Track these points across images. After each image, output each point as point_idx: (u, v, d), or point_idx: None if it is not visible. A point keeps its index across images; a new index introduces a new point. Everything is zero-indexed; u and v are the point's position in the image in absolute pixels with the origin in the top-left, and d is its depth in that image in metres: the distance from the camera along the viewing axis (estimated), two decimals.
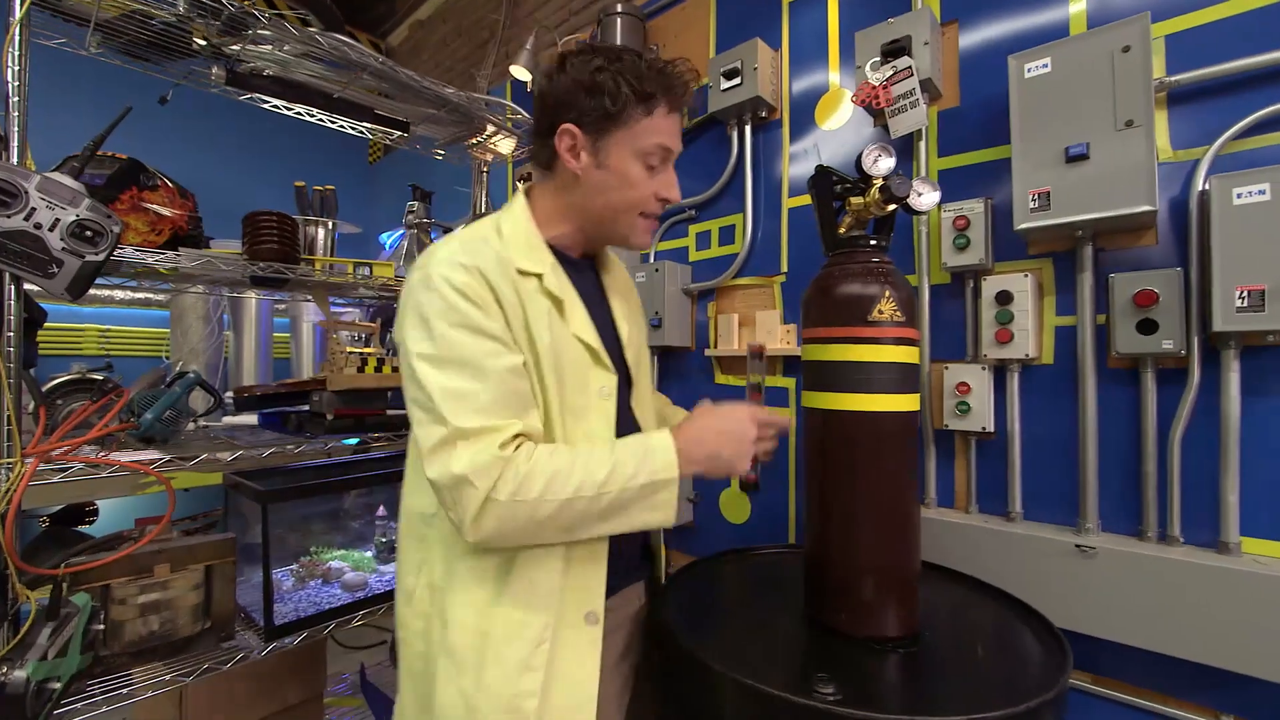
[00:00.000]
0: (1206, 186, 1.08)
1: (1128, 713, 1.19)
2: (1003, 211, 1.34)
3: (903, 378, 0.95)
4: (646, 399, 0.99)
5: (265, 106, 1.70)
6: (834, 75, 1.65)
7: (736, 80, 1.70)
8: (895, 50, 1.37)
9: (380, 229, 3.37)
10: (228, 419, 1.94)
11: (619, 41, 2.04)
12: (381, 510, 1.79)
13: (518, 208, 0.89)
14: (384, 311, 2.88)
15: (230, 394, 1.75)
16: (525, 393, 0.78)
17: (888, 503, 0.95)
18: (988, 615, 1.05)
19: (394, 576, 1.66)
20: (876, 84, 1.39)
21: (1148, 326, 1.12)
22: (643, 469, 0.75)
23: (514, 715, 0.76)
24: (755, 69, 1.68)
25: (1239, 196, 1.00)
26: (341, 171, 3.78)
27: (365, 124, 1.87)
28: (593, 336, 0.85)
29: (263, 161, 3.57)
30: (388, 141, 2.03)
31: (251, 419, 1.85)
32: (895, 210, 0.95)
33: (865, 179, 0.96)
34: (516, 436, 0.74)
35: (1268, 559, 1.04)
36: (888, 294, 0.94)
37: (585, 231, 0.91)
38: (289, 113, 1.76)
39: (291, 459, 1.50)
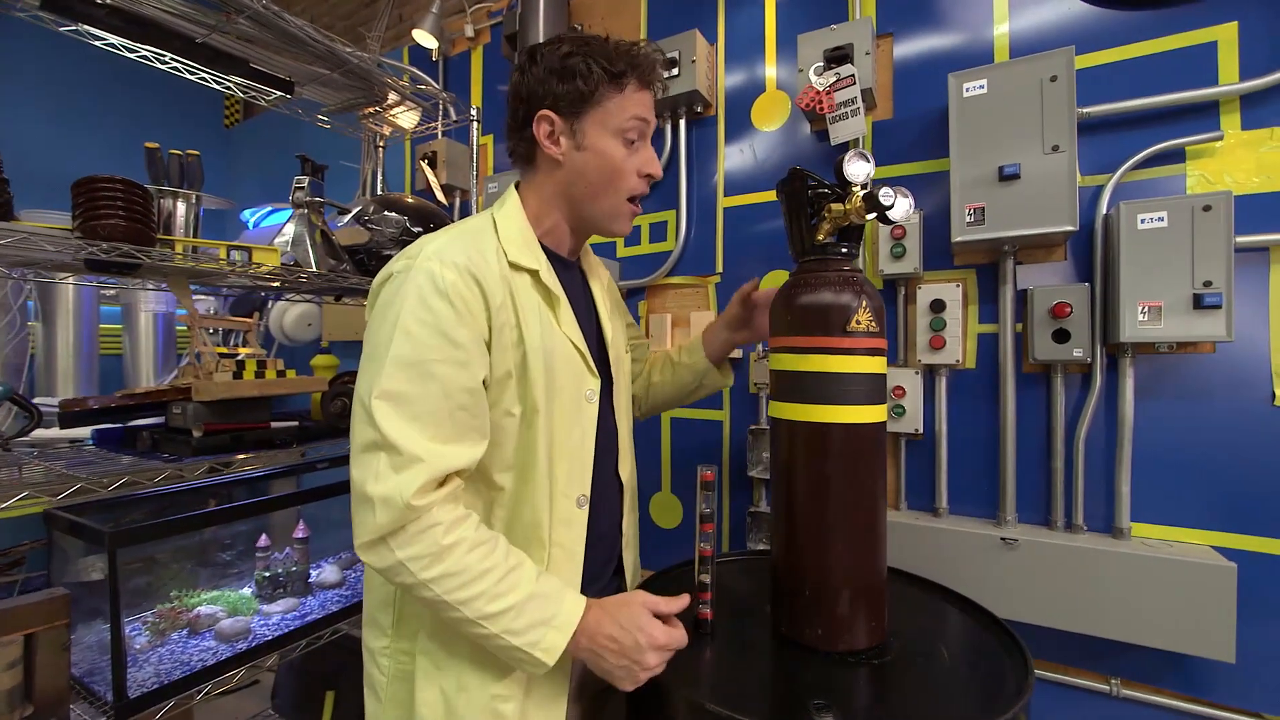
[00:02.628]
0: (1110, 211, 1.20)
1: None
2: (930, 223, 1.40)
3: (876, 388, 0.94)
4: (624, 402, 0.99)
5: (98, 45, 1.35)
6: (771, 76, 1.65)
7: (674, 71, 1.64)
8: (839, 57, 1.38)
9: (239, 204, 2.89)
10: (40, 432, 1.53)
11: (540, 17, 1.89)
12: (264, 540, 1.51)
13: (511, 204, 0.88)
14: (247, 302, 2.48)
15: (53, 405, 1.37)
16: (471, 418, 0.74)
17: (863, 515, 0.94)
18: (934, 613, 1.09)
19: (283, 617, 1.43)
20: (820, 89, 1.39)
21: (1061, 336, 1.22)
22: (528, 634, 0.70)
23: (493, 718, 0.76)
24: (694, 61, 1.62)
25: (1142, 222, 1.11)
26: (190, 133, 3.19)
27: (237, 79, 1.56)
28: (580, 339, 0.86)
29: (88, 115, 2.89)
30: (263, 102, 1.72)
31: (74, 432, 1.48)
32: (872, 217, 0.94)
33: (843, 184, 0.94)
34: (447, 479, 0.72)
35: (1153, 541, 1.19)
36: (864, 304, 0.92)
37: (571, 222, 0.90)
38: (131, 55, 1.42)
39: (145, 486, 1.21)
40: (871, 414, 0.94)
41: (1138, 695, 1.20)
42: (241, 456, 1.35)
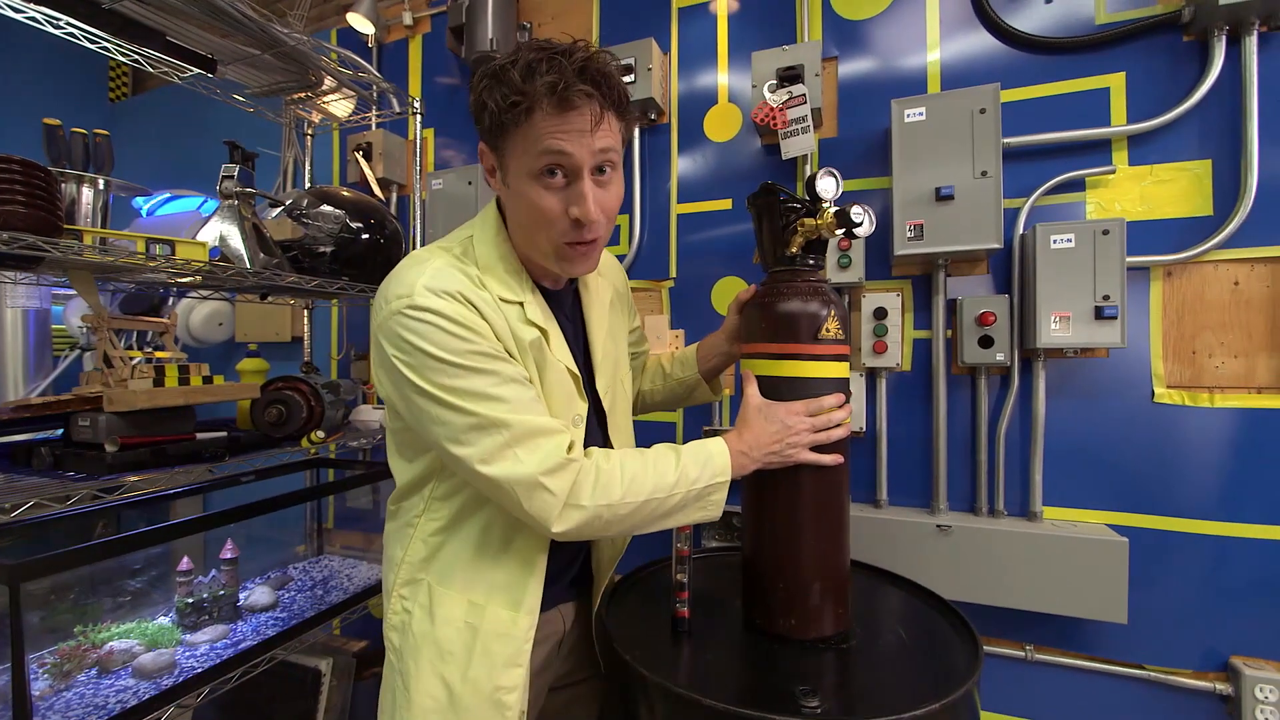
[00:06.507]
0: (1026, 231, 1.36)
1: None
2: (871, 236, 1.51)
3: (841, 391, 1.01)
4: (621, 422, 0.97)
5: None
6: (723, 88, 1.71)
7: (630, 78, 1.65)
8: (791, 76, 1.46)
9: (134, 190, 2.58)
10: None
11: (489, 12, 1.84)
12: (186, 562, 1.37)
13: (492, 227, 0.82)
14: (141, 299, 2.23)
15: None
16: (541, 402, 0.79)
17: (831, 510, 1.00)
18: (886, 598, 1.18)
19: (211, 647, 1.30)
20: (774, 105, 1.46)
21: (986, 342, 1.36)
22: (704, 473, 0.81)
23: (497, 709, 0.80)
24: (649, 69, 1.65)
25: (1054, 242, 1.26)
26: (67, 105, 2.79)
27: (148, 51, 1.41)
28: (573, 363, 0.84)
29: None
30: (177, 80, 1.56)
31: None
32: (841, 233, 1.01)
33: (814, 200, 1.00)
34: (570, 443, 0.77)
35: (1061, 522, 1.35)
36: (832, 313, 0.98)
37: (530, 259, 0.83)
38: (15, 15, 1.24)
39: (51, 509, 1.06)
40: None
41: (1048, 658, 1.37)
42: (142, 476, 1.20)
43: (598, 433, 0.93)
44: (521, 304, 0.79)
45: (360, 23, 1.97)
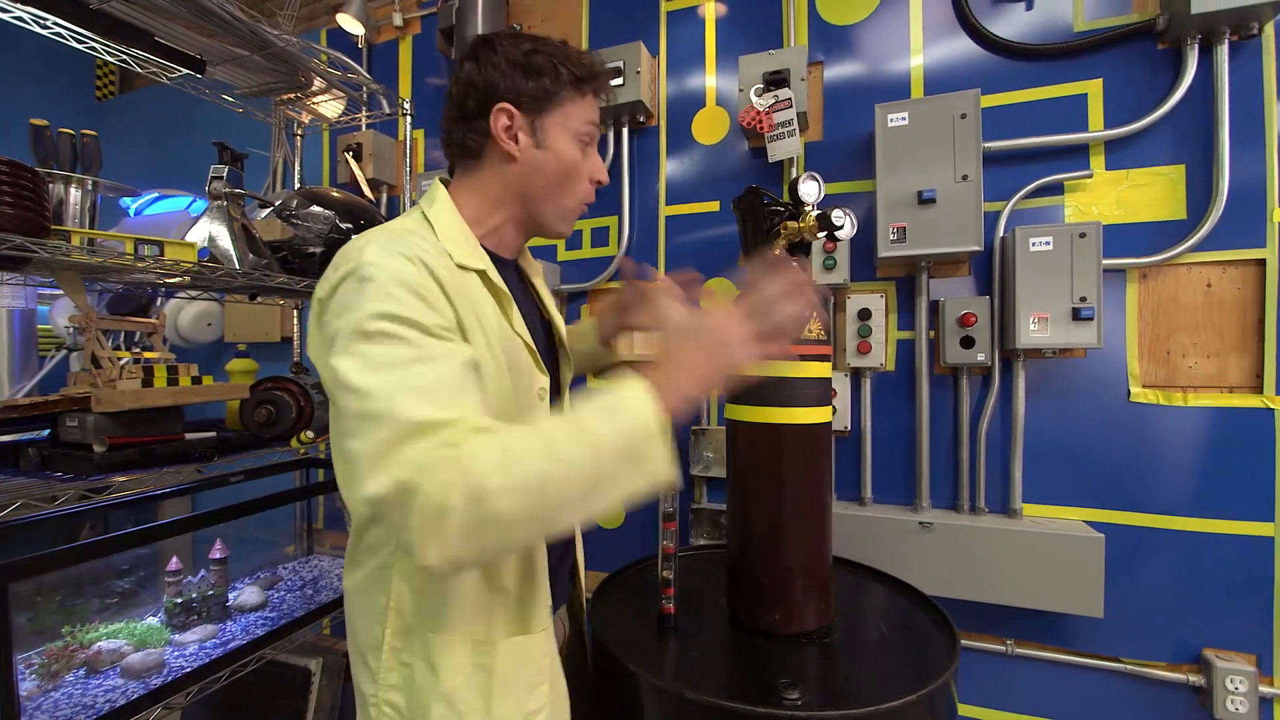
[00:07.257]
0: (1006, 234, 1.38)
1: None
2: (855, 238, 1.53)
3: (823, 390, 1.03)
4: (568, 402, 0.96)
5: None
6: (711, 90, 1.72)
7: (619, 80, 1.67)
8: (778, 81, 1.48)
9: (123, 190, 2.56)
10: None
11: (479, 14, 1.85)
12: (175, 563, 1.37)
13: (443, 203, 0.82)
14: (129, 299, 2.22)
15: None
16: (478, 392, 0.63)
17: (814, 507, 1.02)
18: (869, 594, 1.21)
19: (200, 646, 1.30)
20: (761, 109, 1.48)
21: (967, 342, 1.39)
22: (615, 425, 0.59)
23: None
24: (638, 72, 1.66)
25: (1033, 245, 1.29)
26: (53, 103, 2.77)
27: (136, 52, 1.40)
28: (529, 337, 0.82)
29: None
30: (165, 80, 1.56)
31: None
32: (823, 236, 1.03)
33: (796, 203, 1.02)
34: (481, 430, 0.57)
35: (1041, 519, 1.38)
36: (813, 314, 1.01)
37: (519, 221, 0.86)
38: (4, 15, 1.24)
39: (36, 509, 1.06)
40: (820, 414, 1.02)
41: (1028, 652, 1.40)
42: (130, 476, 1.20)
43: (556, 402, 0.90)
44: (482, 271, 0.76)
45: (350, 24, 1.97)
